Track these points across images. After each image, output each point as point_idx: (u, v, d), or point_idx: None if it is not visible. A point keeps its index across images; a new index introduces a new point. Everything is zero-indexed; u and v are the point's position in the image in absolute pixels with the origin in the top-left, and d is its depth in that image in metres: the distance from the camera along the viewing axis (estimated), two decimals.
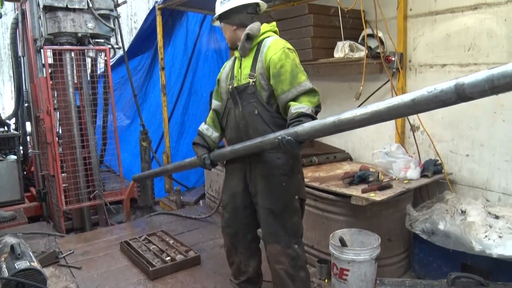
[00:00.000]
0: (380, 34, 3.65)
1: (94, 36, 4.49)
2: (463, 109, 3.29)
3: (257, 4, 2.55)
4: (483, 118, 3.19)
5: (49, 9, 4.24)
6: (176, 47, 6.22)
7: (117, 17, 4.73)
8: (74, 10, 4.31)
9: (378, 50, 3.63)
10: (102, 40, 4.52)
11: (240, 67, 2.51)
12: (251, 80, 2.41)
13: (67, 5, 4.24)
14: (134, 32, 8.45)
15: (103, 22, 4.46)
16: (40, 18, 4.34)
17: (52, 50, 4.30)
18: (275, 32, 2.58)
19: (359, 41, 3.78)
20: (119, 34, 4.77)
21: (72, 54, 4.49)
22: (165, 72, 5.62)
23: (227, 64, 2.72)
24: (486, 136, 3.19)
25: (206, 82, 6.19)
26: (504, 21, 3.00)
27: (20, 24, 5.16)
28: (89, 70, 4.69)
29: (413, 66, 3.64)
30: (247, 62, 2.48)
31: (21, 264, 2.70)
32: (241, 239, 2.69)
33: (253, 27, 2.46)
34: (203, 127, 2.80)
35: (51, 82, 4.31)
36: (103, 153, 5.46)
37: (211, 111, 2.83)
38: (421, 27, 3.54)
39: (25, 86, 5.53)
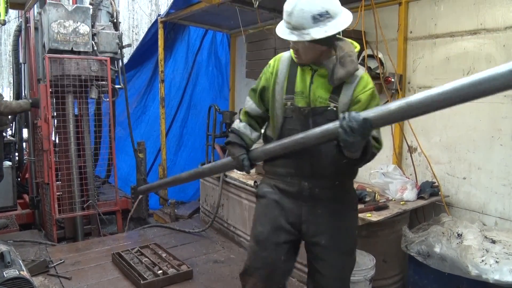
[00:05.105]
0: (380, 55, 3.69)
1: (97, 78, 4.52)
2: (461, 132, 3.30)
3: None
4: (480, 142, 3.20)
5: (54, 52, 4.30)
6: (177, 60, 6.26)
7: (121, 59, 4.83)
8: (79, 53, 4.38)
9: (378, 71, 3.66)
10: (105, 82, 4.56)
11: (312, 82, 2.05)
12: (332, 104, 2.01)
13: (72, 48, 4.31)
14: (135, 44, 8.52)
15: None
16: (44, 59, 4.38)
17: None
18: None
19: (359, 61, 3.81)
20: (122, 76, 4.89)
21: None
22: (165, 85, 5.66)
23: (279, 70, 2.15)
24: (483, 159, 3.20)
25: (206, 96, 6.24)
26: (503, 46, 3.04)
27: (23, 32, 5.20)
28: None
29: (412, 88, 3.67)
30: (323, 82, 2.04)
31: (10, 273, 2.65)
32: (277, 282, 2.23)
33: (354, 55, 2.01)
34: (239, 125, 2.31)
35: (50, 90, 4.31)
36: (110, 167, 5.42)
37: (244, 112, 2.33)
38: (421, 49, 3.59)
39: (24, 93, 5.53)
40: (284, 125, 2.12)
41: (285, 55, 2.15)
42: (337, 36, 2.04)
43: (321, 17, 1.86)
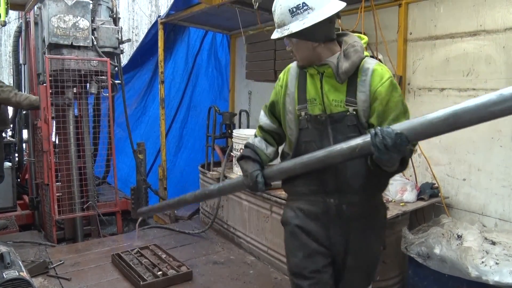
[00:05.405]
0: (380, 57, 3.68)
1: (97, 73, 4.52)
2: (461, 133, 3.26)
3: None
4: (480, 143, 3.20)
5: (54, 46, 4.31)
6: (177, 62, 6.26)
7: (120, 54, 4.84)
8: (78, 47, 4.40)
9: None
10: (105, 77, 4.55)
11: (322, 86, 1.88)
12: (351, 108, 1.81)
13: (72, 42, 4.32)
14: (135, 45, 8.53)
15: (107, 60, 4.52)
16: (45, 53, 4.39)
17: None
18: None
19: None
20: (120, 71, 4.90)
21: (75, 89, 4.55)
22: (165, 86, 5.65)
23: (288, 81, 2.00)
24: (483, 161, 3.20)
25: (206, 97, 6.24)
26: (503, 48, 3.04)
27: (23, 33, 5.21)
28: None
29: (412, 89, 3.67)
30: (334, 83, 1.86)
31: (9, 274, 2.65)
32: None
33: (358, 44, 1.84)
34: (254, 139, 2.15)
35: (50, 91, 4.31)
36: (108, 169, 5.43)
37: (259, 127, 2.19)
38: (420, 51, 3.59)
39: None
40: (300, 137, 1.93)
41: (294, 65, 2.02)
42: (344, 31, 1.96)
43: (298, 10, 1.77)
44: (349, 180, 1.85)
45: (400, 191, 3.29)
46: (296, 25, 1.76)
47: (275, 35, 1.87)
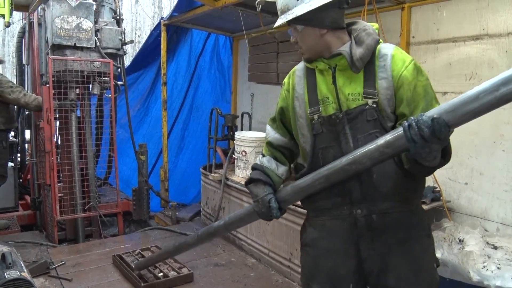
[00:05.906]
0: None
1: (100, 74, 4.54)
2: (463, 137, 3.30)
3: None
4: (483, 147, 3.20)
5: (57, 47, 4.33)
6: (179, 63, 6.28)
7: (123, 55, 4.85)
8: (81, 48, 4.42)
9: None
10: (107, 78, 4.56)
11: (334, 83, 1.67)
12: (370, 101, 1.60)
13: (75, 43, 4.34)
14: (138, 46, 8.56)
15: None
16: (48, 54, 4.42)
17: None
18: None
19: None
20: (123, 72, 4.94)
21: (77, 91, 4.58)
22: (167, 87, 5.67)
23: (295, 83, 1.81)
24: (485, 165, 3.19)
25: (208, 99, 6.25)
26: (506, 52, 3.04)
27: (26, 34, 5.23)
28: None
29: None
30: (349, 75, 1.66)
31: (11, 274, 2.64)
32: None
33: (370, 28, 1.67)
34: (262, 159, 1.92)
35: (53, 92, 4.33)
36: (109, 170, 5.44)
37: (267, 144, 1.96)
38: (423, 54, 3.59)
39: None
40: (315, 144, 1.70)
41: (299, 66, 1.85)
42: (353, 21, 1.76)
43: None
44: (377, 185, 1.61)
45: None
46: (302, 8, 1.59)
47: (278, 22, 1.69)
